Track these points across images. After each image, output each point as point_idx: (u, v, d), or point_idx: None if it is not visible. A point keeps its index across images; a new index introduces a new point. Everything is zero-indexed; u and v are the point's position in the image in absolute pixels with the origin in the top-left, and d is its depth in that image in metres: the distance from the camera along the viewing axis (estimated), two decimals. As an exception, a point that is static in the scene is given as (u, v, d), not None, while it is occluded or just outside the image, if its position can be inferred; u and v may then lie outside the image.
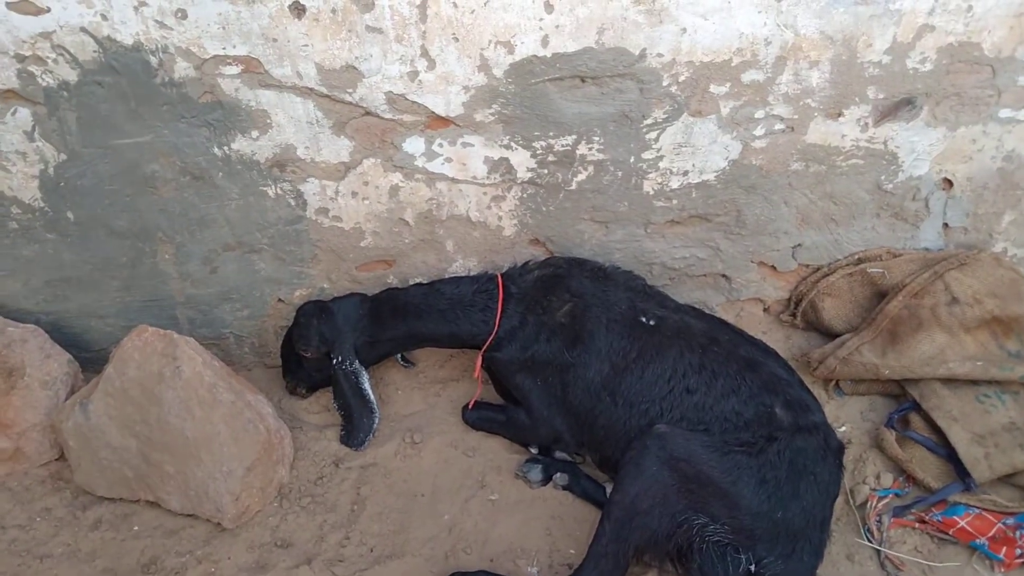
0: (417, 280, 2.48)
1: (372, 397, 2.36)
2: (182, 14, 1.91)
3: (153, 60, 1.98)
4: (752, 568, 1.83)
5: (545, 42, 2.03)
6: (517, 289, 2.24)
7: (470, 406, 2.40)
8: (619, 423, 2.07)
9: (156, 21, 1.91)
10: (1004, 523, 2.06)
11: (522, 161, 2.27)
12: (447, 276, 2.44)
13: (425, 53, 2.02)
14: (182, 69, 2.00)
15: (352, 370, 2.32)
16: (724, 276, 2.60)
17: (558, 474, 2.26)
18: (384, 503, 2.24)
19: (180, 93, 2.03)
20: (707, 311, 2.46)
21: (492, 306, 2.22)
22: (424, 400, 2.56)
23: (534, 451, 2.36)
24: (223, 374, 2.20)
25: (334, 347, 2.32)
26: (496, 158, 2.25)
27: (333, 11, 1.92)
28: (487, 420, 2.41)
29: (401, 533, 2.16)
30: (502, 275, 2.29)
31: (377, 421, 2.37)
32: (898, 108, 2.27)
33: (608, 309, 2.14)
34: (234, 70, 2.00)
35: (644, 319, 2.13)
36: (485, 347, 2.24)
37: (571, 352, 2.13)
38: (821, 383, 2.50)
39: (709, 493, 1.86)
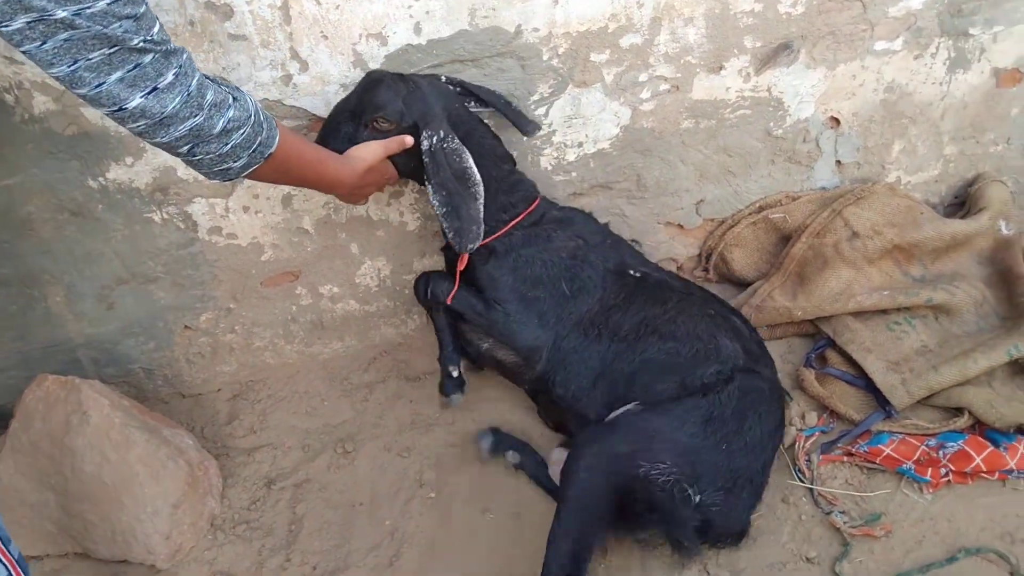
0: (331, 287, 2.44)
1: (477, 176, 2.00)
2: (31, 46, 1.81)
3: (9, 98, 1.88)
4: (695, 499, 1.82)
5: (418, 29, 2.00)
6: (537, 215, 2.20)
7: (448, 301, 2.17)
8: (596, 354, 2.10)
9: (5, 57, 1.82)
10: (927, 445, 2.11)
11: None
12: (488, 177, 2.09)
13: (295, 55, 1.96)
14: (41, 103, 1.90)
15: (455, 147, 1.97)
16: (634, 240, 2.60)
17: (510, 452, 2.23)
18: (322, 518, 2.19)
19: (43, 128, 1.94)
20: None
21: (514, 213, 2.17)
22: (352, 407, 2.51)
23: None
24: (134, 413, 2.13)
25: (425, 120, 1.95)
26: (387, 153, 2.21)
27: (191, 23, 1.84)
28: (467, 304, 2.17)
29: (343, 546, 2.13)
30: (540, 199, 2.23)
31: (481, 201, 2.03)
32: (776, 54, 2.29)
33: (605, 259, 2.19)
34: (96, 98, 1.91)
35: (632, 271, 2.20)
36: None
37: (570, 287, 2.15)
38: (740, 333, 2.54)
39: (656, 443, 1.85)
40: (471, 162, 1.98)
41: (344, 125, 1.96)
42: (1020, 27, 2.44)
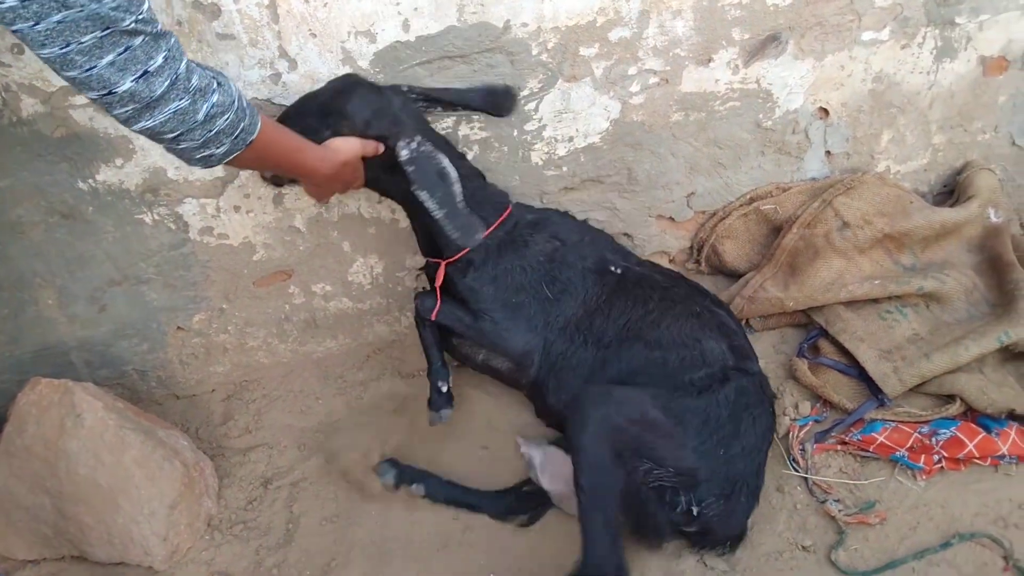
0: (324, 286, 2.43)
1: (454, 172, 2.01)
2: (19, 49, 1.80)
3: (-4, 101, 1.87)
4: (694, 510, 1.84)
5: (406, 26, 1.99)
6: (511, 223, 2.16)
7: (432, 318, 2.15)
8: (584, 362, 2.08)
9: (-8, 60, 1.82)
10: (920, 432, 2.13)
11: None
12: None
13: (284, 54, 1.96)
14: (29, 106, 1.89)
15: (430, 151, 1.98)
16: (626, 234, 2.61)
17: (414, 485, 2.16)
18: (319, 515, 2.19)
19: (32, 131, 1.93)
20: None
21: (485, 224, 2.12)
22: (347, 405, 2.51)
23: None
24: (128, 415, 2.12)
25: (398, 132, 1.95)
26: (378, 150, 2.20)
27: (179, 23, 1.84)
28: (454, 318, 2.16)
29: (342, 541, 2.13)
30: (512, 206, 2.20)
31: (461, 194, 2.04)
32: (765, 46, 2.30)
33: (583, 258, 2.16)
34: (84, 99, 1.90)
35: (612, 268, 2.17)
36: (450, 260, 2.13)
37: (551, 289, 2.12)
38: (733, 324, 2.55)
39: (655, 436, 1.84)
40: (446, 161, 2.00)
41: (309, 118, 1.91)
42: (1006, 15, 2.46)
